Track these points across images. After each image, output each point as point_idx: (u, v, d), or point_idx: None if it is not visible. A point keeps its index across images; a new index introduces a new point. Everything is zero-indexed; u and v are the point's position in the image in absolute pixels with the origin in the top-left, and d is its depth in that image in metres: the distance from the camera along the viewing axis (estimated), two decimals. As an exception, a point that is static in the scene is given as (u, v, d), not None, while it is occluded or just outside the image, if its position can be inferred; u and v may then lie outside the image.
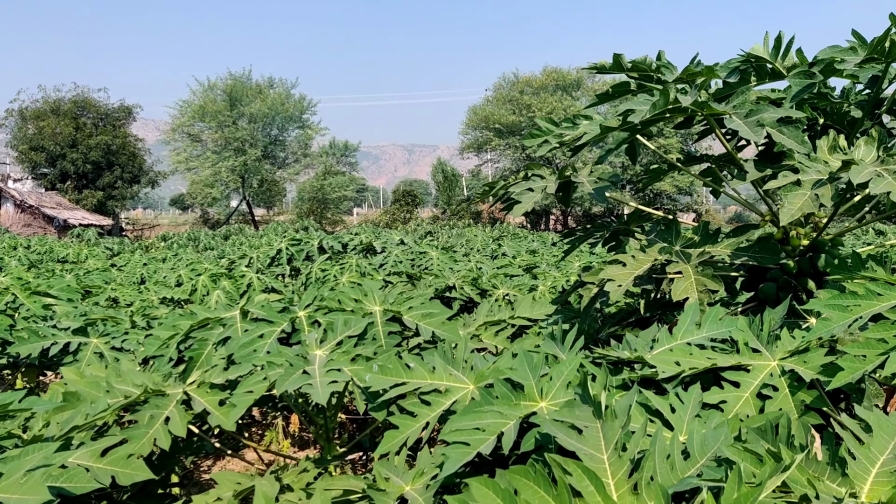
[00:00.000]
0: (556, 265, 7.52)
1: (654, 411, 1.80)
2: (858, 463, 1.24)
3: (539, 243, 13.60)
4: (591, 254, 8.16)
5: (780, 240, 3.10)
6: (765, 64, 3.03)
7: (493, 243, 12.68)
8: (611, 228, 3.61)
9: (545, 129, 3.31)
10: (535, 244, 13.06)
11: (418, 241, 8.40)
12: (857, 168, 2.27)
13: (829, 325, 1.97)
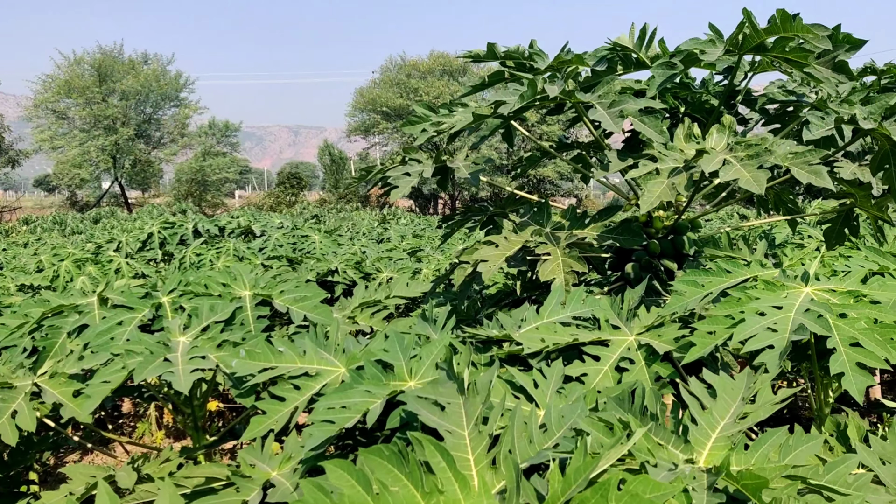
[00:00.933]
0: (440, 248, 7.60)
1: (519, 387, 1.85)
2: (700, 429, 1.33)
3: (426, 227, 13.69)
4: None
5: (645, 223, 3.26)
6: (630, 54, 3.15)
7: (380, 227, 12.65)
8: (488, 212, 3.68)
9: (423, 115, 3.31)
10: (421, 228, 13.14)
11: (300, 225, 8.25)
12: (708, 157, 2.41)
13: (682, 300, 2.09)
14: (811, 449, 1.29)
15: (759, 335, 1.68)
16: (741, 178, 2.30)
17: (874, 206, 3.18)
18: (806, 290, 1.85)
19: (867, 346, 1.66)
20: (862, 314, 1.75)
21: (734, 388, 1.44)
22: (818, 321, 1.68)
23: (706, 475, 1.14)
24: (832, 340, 1.67)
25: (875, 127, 2.71)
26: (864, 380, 1.60)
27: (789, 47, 2.77)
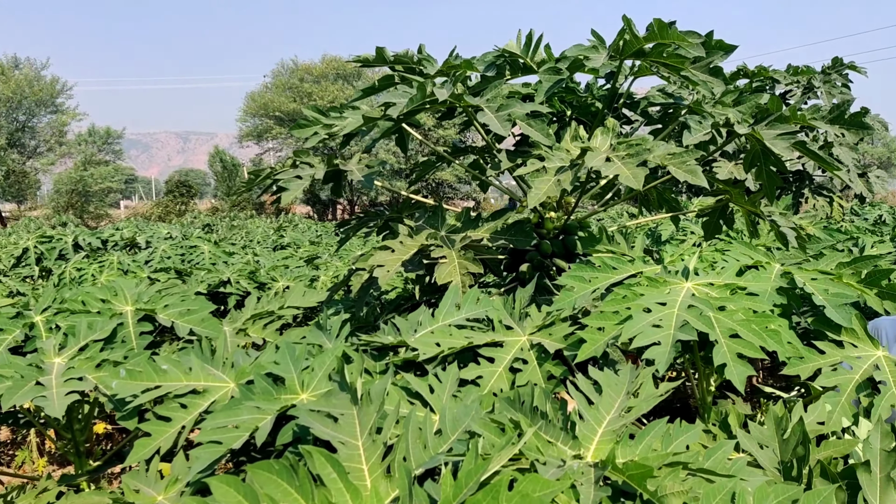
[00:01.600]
0: (338, 255, 7.50)
1: (415, 393, 1.84)
2: (587, 424, 1.35)
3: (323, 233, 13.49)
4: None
5: (537, 224, 3.33)
6: (518, 59, 3.21)
7: (275, 234, 12.35)
8: (384, 217, 3.65)
9: (313, 118, 3.25)
10: (318, 234, 12.93)
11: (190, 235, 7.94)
12: (591, 154, 2.48)
13: (571, 296, 2.14)
14: (691, 437, 1.34)
15: (646, 332, 1.74)
16: (622, 175, 2.38)
17: (748, 202, 3.36)
18: (687, 285, 1.94)
19: (746, 337, 1.74)
20: (739, 306, 1.84)
21: (619, 383, 1.48)
22: (701, 318, 1.76)
23: (593, 469, 1.16)
24: (714, 333, 1.75)
25: (749, 132, 2.87)
26: (744, 370, 1.68)
27: (667, 53, 2.90)
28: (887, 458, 1.39)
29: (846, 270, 2.11)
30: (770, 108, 2.96)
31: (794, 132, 2.82)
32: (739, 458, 1.37)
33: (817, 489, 1.08)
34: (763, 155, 3.03)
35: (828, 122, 2.87)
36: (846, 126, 2.87)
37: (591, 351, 1.80)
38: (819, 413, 1.70)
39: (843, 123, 2.84)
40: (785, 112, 2.87)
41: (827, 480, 1.39)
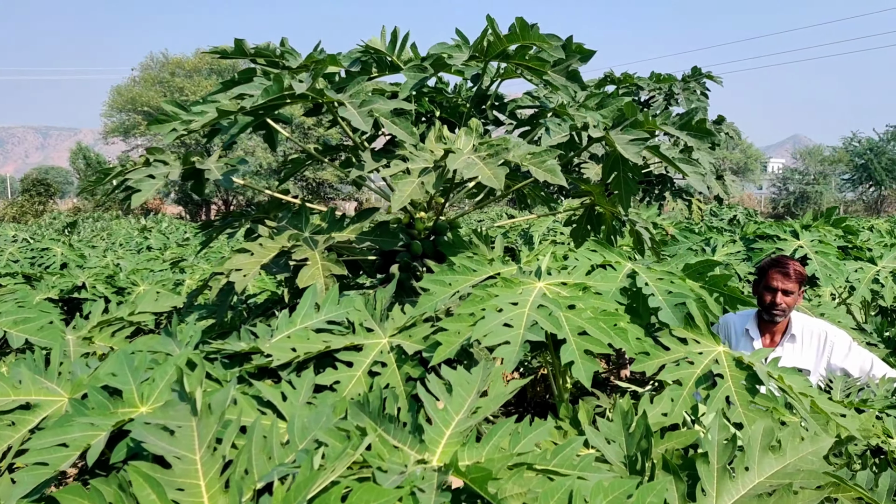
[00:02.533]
0: (205, 257, 7.19)
1: (266, 402, 1.76)
2: (435, 427, 1.33)
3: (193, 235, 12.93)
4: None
5: (408, 224, 3.30)
6: (384, 56, 3.18)
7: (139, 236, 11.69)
8: (250, 217, 3.52)
9: (172, 113, 3.08)
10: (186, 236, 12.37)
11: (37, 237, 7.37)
12: (454, 156, 2.48)
13: (433, 298, 2.13)
14: (539, 436, 1.35)
15: (497, 331, 1.75)
16: (482, 176, 2.39)
17: (609, 203, 3.48)
18: (539, 285, 1.96)
19: (593, 335, 1.78)
20: (588, 304, 1.88)
21: (471, 382, 1.47)
22: (549, 318, 1.78)
23: (437, 474, 1.14)
24: (562, 331, 1.78)
25: (603, 135, 2.96)
26: (591, 366, 1.71)
27: (529, 55, 2.95)
28: (724, 448, 1.46)
29: (690, 272, 2.21)
30: (625, 113, 3.07)
31: (645, 137, 2.93)
32: (587, 455, 1.39)
33: (650, 483, 1.10)
34: (621, 161, 3.14)
35: (676, 128, 3.01)
36: (693, 132, 3.02)
37: (447, 353, 1.78)
38: (663, 406, 1.76)
39: (690, 129, 2.99)
40: (639, 117, 2.98)
41: (668, 472, 1.43)
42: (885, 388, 2.90)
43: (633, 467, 1.52)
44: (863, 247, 4.18)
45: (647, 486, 1.08)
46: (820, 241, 3.99)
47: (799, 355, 3.29)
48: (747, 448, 1.45)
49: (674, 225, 6.89)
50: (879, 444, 2.44)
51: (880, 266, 3.98)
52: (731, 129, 8.01)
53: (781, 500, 1.35)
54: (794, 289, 3.22)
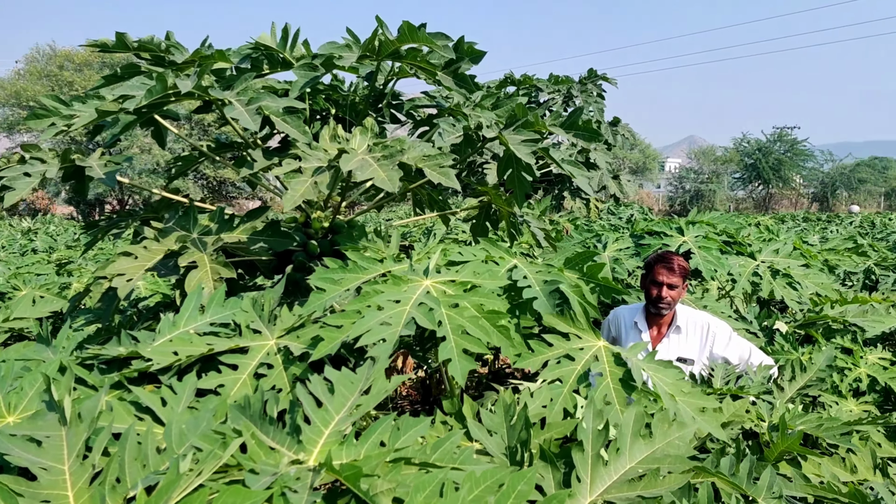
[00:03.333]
0: (94, 259, 6.87)
1: (145, 408, 1.71)
2: (313, 427, 1.33)
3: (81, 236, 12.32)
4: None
5: (304, 223, 3.27)
6: (275, 53, 3.13)
7: (24, 237, 11.02)
8: (137, 217, 3.39)
9: (52, 108, 2.93)
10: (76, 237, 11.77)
11: None
12: (347, 156, 2.46)
13: (322, 297, 2.11)
14: (420, 431, 1.37)
15: (375, 329, 1.75)
16: (376, 178, 2.39)
17: (504, 203, 3.54)
18: (426, 282, 1.98)
19: (473, 333, 1.82)
20: (473, 302, 1.92)
21: (354, 381, 1.47)
22: (428, 315, 1.80)
23: (311, 473, 1.14)
24: (443, 329, 1.80)
25: (497, 135, 3.01)
26: (468, 364, 1.75)
27: (420, 56, 2.97)
28: (598, 436, 1.52)
29: (570, 264, 2.29)
30: (517, 113, 3.14)
31: (536, 138, 3.00)
32: (467, 448, 1.42)
33: (521, 471, 1.13)
34: (515, 160, 3.21)
35: (563, 128, 3.10)
36: (579, 132, 3.12)
37: (328, 349, 1.77)
38: (543, 398, 1.81)
39: (577, 129, 3.09)
40: (529, 118, 3.06)
41: (545, 461, 1.48)
42: (762, 375, 3.08)
43: (513, 458, 1.56)
44: (743, 242, 4.43)
45: (517, 475, 1.11)
46: (704, 237, 4.20)
47: (684, 346, 3.45)
48: (620, 435, 1.51)
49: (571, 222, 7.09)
50: (753, 428, 2.60)
51: (759, 260, 4.23)
52: (626, 130, 8.32)
53: (650, 483, 1.41)
54: (679, 282, 3.38)
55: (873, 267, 5.98)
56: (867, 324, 3.71)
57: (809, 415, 2.58)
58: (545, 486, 1.43)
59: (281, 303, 2.65)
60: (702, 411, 1.82)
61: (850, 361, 3.37)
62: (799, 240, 5.17)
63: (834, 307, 4.06)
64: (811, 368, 3.09)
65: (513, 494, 1.08)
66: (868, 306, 4.08)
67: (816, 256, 4.71)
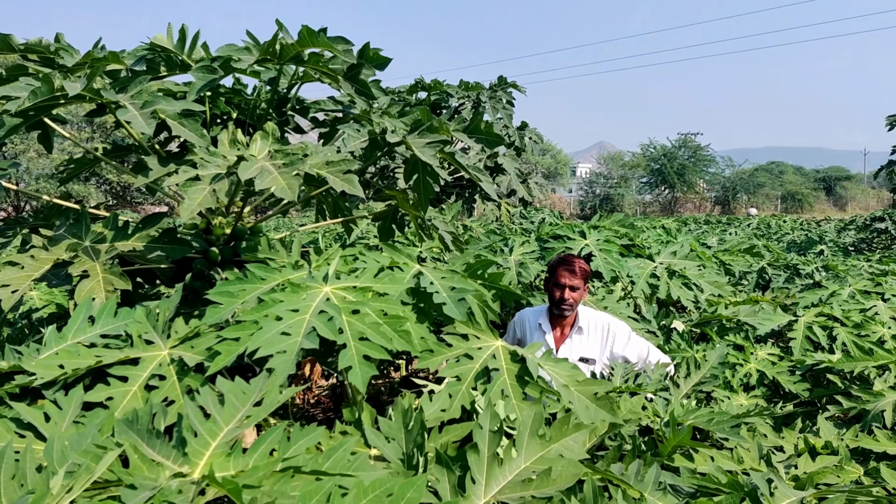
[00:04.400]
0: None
1: (27, 424, 1.63)
2: (200, 439, 1.30)
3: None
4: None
5: (205, 230, 3.18)
6: (174, 55, 3.04)
7: None
8: (26, 225, 3.23)
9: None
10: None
11: None
12: (246, 164, 2.42)
13: (219, 311, 2.06)
14: (312, 440, 1.36)
15: (273, 340, 1.73)
16: (276, 186, 2.36)
17: (412, 207, 3.56)
18: (326, 289, 1.97)
19: (374, 340, 1.82)
20: (374, 308, 1.92)
21: (246, 392, 1.45)
22: (328, 324, 1.79)
23: (194, 486, 1.11)
24: (343, 337, 1.80)
25: (401, 140, 3.02)
26: (368, 371, 1.75)
27: (322, 61, 2.95)
28: (493, 437, 1.55)
29: (472, 271, 2.33)
30: (422, 118, 3.16)
31: (441, 141, 3.03)
32: (360, 455, 1.42)
33: (411, 479, 1.14)
34: (421, 164, 3.23)
35: (465, 132, 3.15)
36: (480, 136, 3.17)
37: (225, 361, 1.74)
38: (442, 401, 1.83)
39: (478, 134, 3.13)
40: (434, 123, 3.09)
41: (441, 465, 1.49)
42: (659, 372, 3.21)
43: (409, 463, 1.57)
44: (643, 244, 4.60)
45: (406, 483, 1.12)
46: (606, 240, 4.33)
47: (586, 346, 3.55)
48: (517, 435, 1.55)
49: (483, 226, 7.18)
50: (649, 424, 2.70)
51: (657, 262, 4.40)
52: (534, 134, 8.50)
53: (542, 483, 1.45)
54: (580, 284, 3.48)
55: (766, 267, 6.32)
56: (757, 322, 3.92)
57: (701, 410, 2.70)
58: (440, 489, 1.45)
59: (181, 313, 2.58)
60: (595, 396, 1.89)
61: (741, 358, 3.55)
62: (696, 242, 5.41)
63: (728, 307, 4.27)
64: (705, 365, 3.24)
65: (401, 503, 1.09)
66: (759, 306, 4.31)
67: (711, 258, 4.94)
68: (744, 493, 1.72)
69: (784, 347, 3.77)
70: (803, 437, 2.60)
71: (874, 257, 8.73)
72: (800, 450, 2.50)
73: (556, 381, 1.93)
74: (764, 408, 3.02)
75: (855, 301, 4.29)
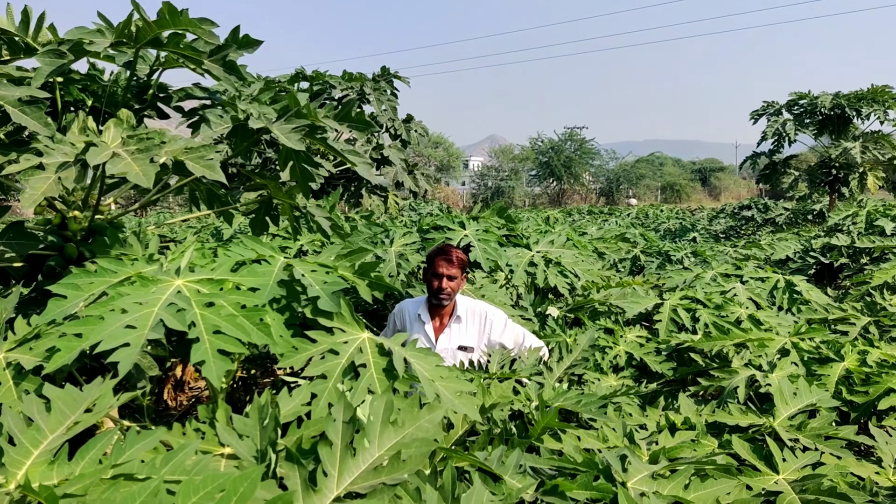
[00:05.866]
0: None
1: None
2: (20, 448, 1.20)
3: None
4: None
5: (60, 224, 2.98)
6: (16, 38, 2.82)
7: None
8: None
9: None
10: None
11: None
12: (95, 150, 2.27)
13: (62, 304, 1.93)
14: (149, 444, 1.29)
15: (117, 334, 1.63)
16: (130, 173, 2.23)
17: (285, 195, 3.46)
18: (178, 282, 1.88)
19: (230, 333, 1.75)
20: (230, 301, 1.85)
21: (77, 399, 1.35)
22: (177, 315, 1.71)
23: (8, 497, 1.03)
24: (195, 330, 1.72)
25: (264, 125, 2.93)
26: (223, 365, 1.68)
27: (183, 43, 2.81)
28: (346, 429, 1.51)
29: (343, 262, 2.28)
30: (289, 104, 3.08)
31: (307, 126, 2.96)
32: (203, 457, 1.36)
33: (244, 473, 1.10)
34: (294, 152, 3.14)
35: (336, 119, 3.09)
36: (352, 123, 3.12)
37: (64, 359, 1.62)
38: (303, 396, 1.79)
39: (350, 121, 3.09)
40: (302, 109, 3.01)
41: (291, 461, 1.45)
42: (533, 357, 3.27)
43: (262, 460, 1.52)
44: (522, 234, 4.69)
45: (240, 476, 1.07)
46: (485, 230, 4.38)
47: (464, 335, 3.58)
48: (369, 424, 1.52)
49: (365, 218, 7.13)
50: (521, 408, 2.75)
51: (535, 251, 4.49)
52: (419, 126, 8.50)
53: (392, 469, 1.44)
54: (458, 273, 3.50)
55: (640, 254, 6.59)
56: (627, 305, 4.08)
57: (570, 392, 2.78)
58: (290, 485, 1.40)
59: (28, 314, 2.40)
60: (459, 394, 1.89)
61: (611, 341, 3.68)
62: (573, 231, 5.57)
63: (600, 291, 4.42)
64: (576, 349, 3.34)
65: (234, 498, 1.04)
66: (630, 289, 4.48)
67: (586, 246, 5.10)
68: (598, 471, 1.77)
69: (651, 329, 3.94)
70: (665, 414, 2.72)
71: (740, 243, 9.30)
72: (661, 426, 2.61)
73: (422, 375, 1.93)
74: (630, 387, 3.15)
75: (716, 284, 4.54)
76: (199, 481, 1.05)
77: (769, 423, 2.53)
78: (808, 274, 6.30)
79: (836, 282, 6.46)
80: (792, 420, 2.56)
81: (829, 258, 6.42)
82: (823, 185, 14.22)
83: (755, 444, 2.39)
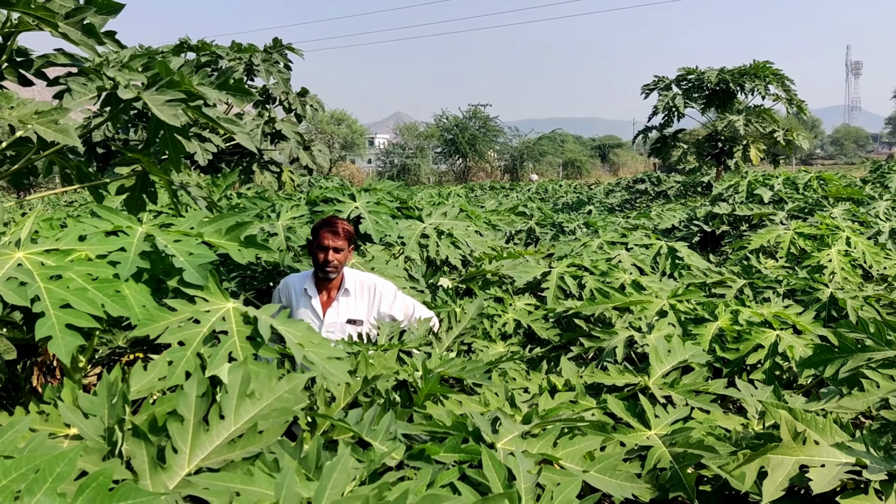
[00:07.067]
0: None
1: None
2: None
3: None
4: None
5: None
6: None
7: None
8: None
9: None
10: None
11: None
12: (-73, 114, 2.08)
13: None
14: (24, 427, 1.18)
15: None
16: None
17: (160, 170, 3.29)
18: (18, 255, 1.74)
19: (79, 307, 1.63)
20: (79, 272, 1.73)
21: None
22: (18, 290, 1.58)
23: None
24: (40, 304, 1.60)
25: (135, 95, 2.77)
26: (73, 340, 1.57)
27: (35, 4, 2.61)
28: (200, 403, 1.44)
29: (209, 228, 2.18)
30: (161, 73, 2.91)
31: (183, 98, 2.82)
32: (38, 435, 1.26)
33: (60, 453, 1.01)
34: (165, 123, 2.98)
35: (214, 87, 2.95)
36: (231, 91, 2.99)
37: None
38: (159, 370, 1.70)
39: (228, 89, 2.96)
40: (175, 77, 2.86)
41: (138, 438, 1.37)
42: (423, 328, 3.26)
43: (109, 439, 1.43)
44: (414, 206, 4.66)
45: (58, 455, 0.99)
46: (377, 202, 4.32)
47: (353, 308, 3.53)
48: (224, 397, 1.46)
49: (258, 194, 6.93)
50: (406, 378, 2.73)
51: (427, 223, 4.47)
52: (314, 101, 8.30)
53: (248, 441, 1.38)
54: (344, 246, 3.43)
55: (534, 226, 6.70)
56: (517, 274, 4.12)
57: (455, 360, 2.78)
58: (136, 464, 1.32)
59: None
60: (328, 359, 1.84)
61: (500, 309, 3.72)
62: (466, 203, 5.59)
63: (493, 262, 4.45)
64: (464, 318, 3.35)
65: (49, 479, 0.96)
66: (520, 259, 4.54)
67: (480, 216, 5.13)
68: (467, 434, 1.77)
69: (540, 297, 4.01)
70: (547, 377, 2.76)
71: (632, 214, 9.62)
72: (542, 389, 2.65)
73: (291, 342, 1.86)
74: (514, 353, 3.18)
75: (602, 252, 4.66)
76: (10, 463, 0.96)
77: (644, 381, 2.61)
78: (692, 242, 6.58)
79: (718, 248, 6.77)
80: (666, 378, 2.64)
81: (711, 226, 6.72)
82: (710, 158, 14.89)
83: (630, 402, 2.45)
